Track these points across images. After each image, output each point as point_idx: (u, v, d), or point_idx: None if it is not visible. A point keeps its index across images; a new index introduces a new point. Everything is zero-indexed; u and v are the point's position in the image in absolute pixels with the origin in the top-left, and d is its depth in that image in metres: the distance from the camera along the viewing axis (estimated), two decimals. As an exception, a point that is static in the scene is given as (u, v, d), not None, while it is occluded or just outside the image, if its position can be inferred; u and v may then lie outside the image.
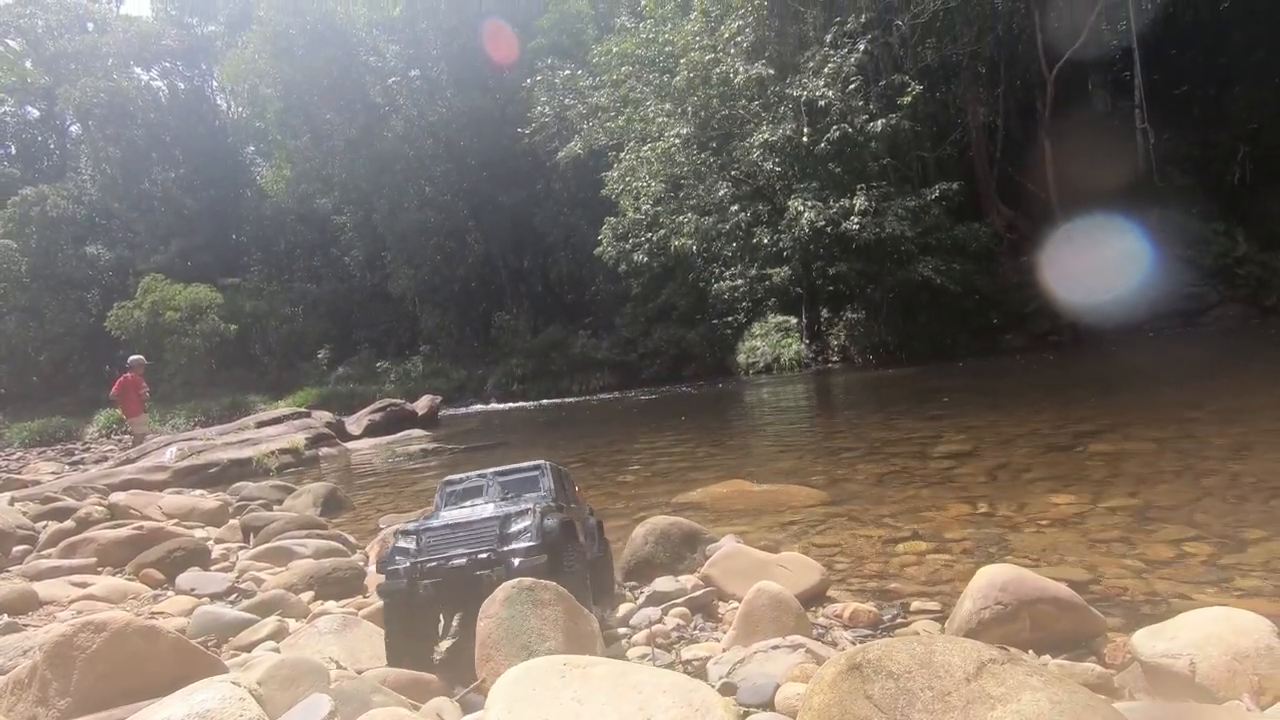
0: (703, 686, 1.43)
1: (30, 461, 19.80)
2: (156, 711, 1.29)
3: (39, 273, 31.72)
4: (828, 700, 1.27)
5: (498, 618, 1.97)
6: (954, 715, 1.15)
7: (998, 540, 3.89)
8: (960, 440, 6.98)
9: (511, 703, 1.34)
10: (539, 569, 2.47)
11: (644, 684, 1.39)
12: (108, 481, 10.56)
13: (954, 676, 1.20)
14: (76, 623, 1.75)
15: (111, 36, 33.55)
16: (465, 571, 2.52)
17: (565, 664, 1.46)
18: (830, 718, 1.25)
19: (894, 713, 1.19)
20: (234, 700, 1.33)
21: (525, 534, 2.60)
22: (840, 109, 16.53)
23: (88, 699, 1.54)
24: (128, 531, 3.99)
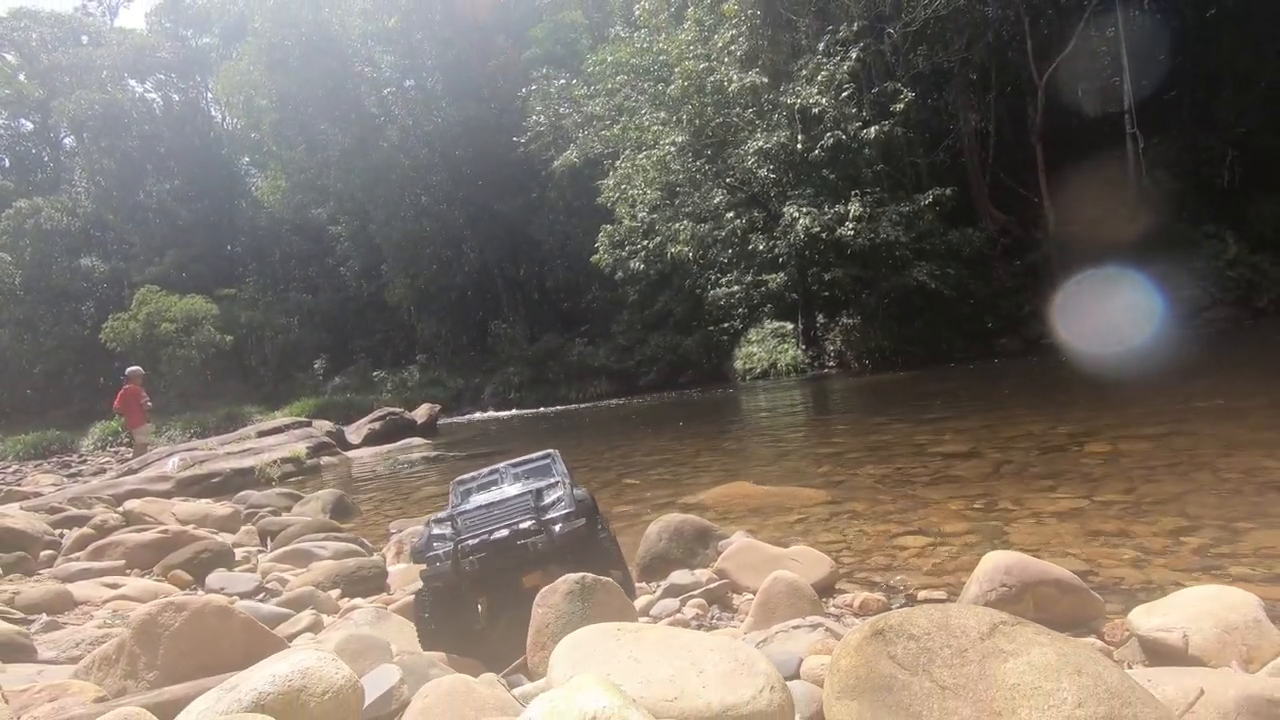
0: (746, 646, 1.55)
1: (28, 474, 19.70)
2: (259, 670, 1.39)
3: (33, 285, 31.68)
4: (854, 662, 1.39)
5: (556, 609, 2.08)
6: (971, 668, 1.27)
7: (997, 534, 4.02)
8: (958, 441, 7.12)
9: (573, 663, 1.45)
10: (578, 533, 2.57)
11: (692, 644, 1.50)
12: (112, 492, 10.58)
13: (969, 636, 1.32)
14: (160, 603, 1.87)
15: (106, 49, 33.66)
16: (509, 542, 2.56)
17: (618, 629, 1.57)
18: (858, 677, 1.36)
19: (916, 669, 1.31)
20: (328, 660, 1.44)
21: (560, 503, 2.68)
22: (834, 116, 16.76)
23: (171, 672, 1.65)
24: (153, 535, 4.08)
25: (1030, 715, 1.16)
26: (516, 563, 2.56)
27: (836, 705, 1.37)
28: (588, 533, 2.63)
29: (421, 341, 30.43)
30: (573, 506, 2.66)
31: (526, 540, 2.56)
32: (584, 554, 2.70)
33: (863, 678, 1.36)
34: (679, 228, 19.35)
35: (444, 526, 2.72)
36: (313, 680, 1.37)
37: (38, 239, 31.45)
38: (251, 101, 29.76)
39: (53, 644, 2.40)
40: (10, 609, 3.08)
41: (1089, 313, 15.82)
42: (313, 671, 1.38)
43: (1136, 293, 16.98)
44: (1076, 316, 15.97)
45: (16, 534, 4.11)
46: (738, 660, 1.42)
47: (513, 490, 2.87)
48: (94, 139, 32.66)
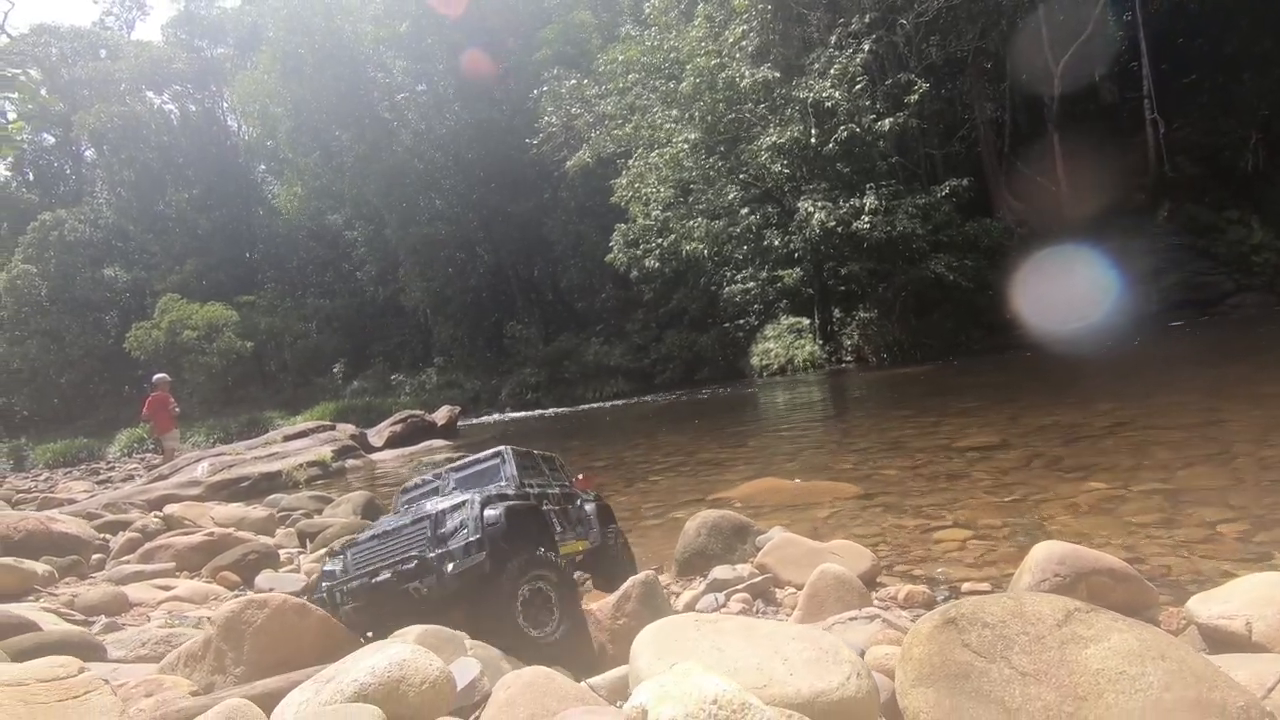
0: (827, 635, 1.57)
1: (59, 482, 20.05)
2: (355, 663, 1.44)
3: (58, 296, 32.23)
4: (928, 650, 1.41)
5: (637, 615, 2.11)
6: (1050, 654, 1.28)
7: (1036, 526, 4.00)
8: (986, 434, 7.07)
9: (657, 652, 1.48)
10: (475, 570, 2.17)
11: (772, 634, 1.53)
12: (145, 497, 10.76)
13: (1046, 623, 1.34)
14: (243, 599, 1.94)
15: (124, 62, 34.17)
16: (390, 587, 2.21)
17: (696, 620, 1.60)
18: (932, 665, 1.38)
19: (993, 656, 1.33)
20: (422, 653, 1.48)
21: (461, 530, 2.29)
22: (847, 109, 16.66)
23: (256, 667, 1.71)
24: (199, 538, 4.17)
25: (1116, 699, 1.17)
26: (395, 611, 2.21)
27: (912, 693, 1.39)
28: (493, 568, 2.21)
29: (438, 344, 30.64)
30: (476, 534, 2.26)
31: (410, 584, 2.21)
32: (483, 597, 2.27)
33: (937, 666, 1.38)
34: (693, 225, 19.33)
35: (336, 562, 2.45)
36: (410, 671, 1.41)
37: (62, 251, 32.00)
38: (266, 110, 30.09)
39: (119, 643, 2.47)
40: (71, 611, 3.17)
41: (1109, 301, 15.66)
42: (410, 663, 1.43)
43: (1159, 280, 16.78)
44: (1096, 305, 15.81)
45: (70, 538, 4.22)
46: (820, 648, 1.45)
47: (422, 511, 2.50)
48: (114, 151, 33.18)
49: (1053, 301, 16.67)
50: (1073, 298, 16.17)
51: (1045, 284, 16.79)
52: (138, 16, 41.06)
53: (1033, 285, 16.29)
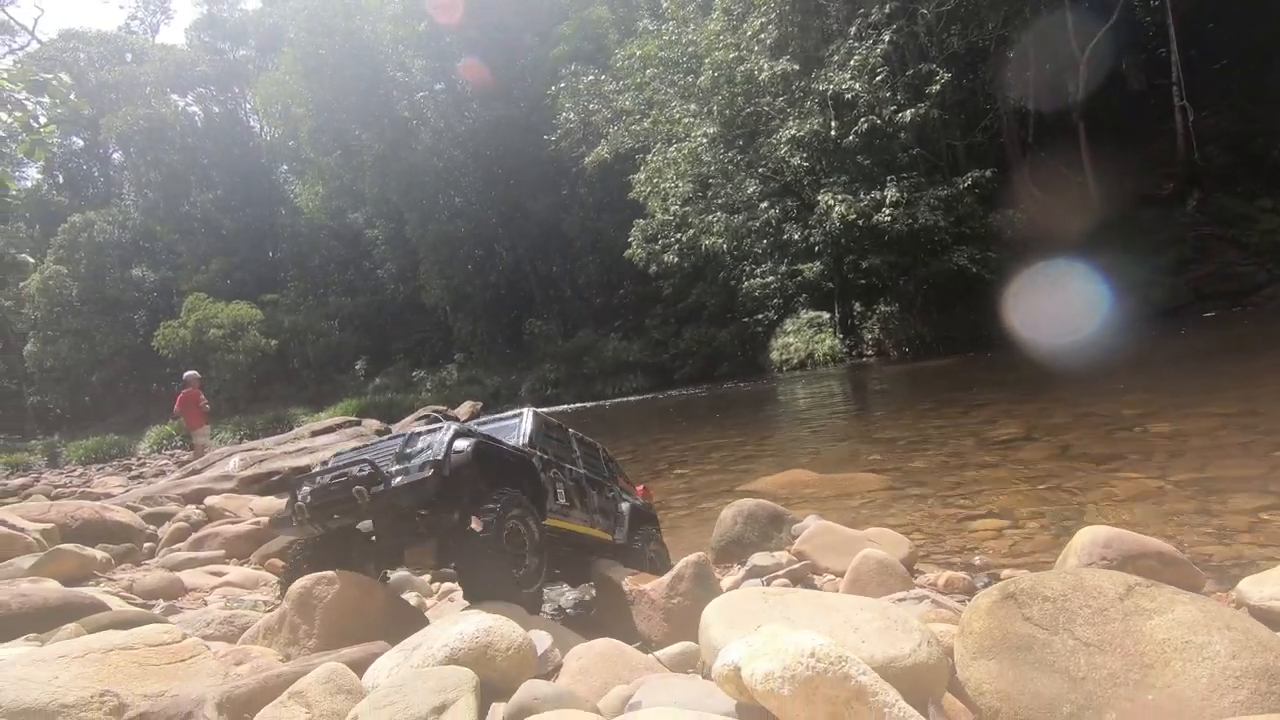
0: (894, 606, 1.61)
1: (93, 477, 20.47)
2: (441, 631, 1.51)
3: (88, 296, 32.93)
4: (988, 625, 1.44)
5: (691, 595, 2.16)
6: (1115, 626, 1.32)
7: (1072, 515, 4.00)
8: (1014, 426, 7.03)
9: (729, 622, 1.53)
10: (418, 488, 2.11)
11: (840, 605, 1.57)
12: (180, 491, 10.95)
13: (1107, 596, 1.37)
14: (314, 576, 2.02)
15: (149, 66, 34.75)
16: (339, 490, 2.20)
17: (764, 593, 1.65)
18: (993, 639, 1.42)
19: (1055, 628, 1.36)
20: (505, 621, 1.55)
21: (425, 451, 2.26)
22: (867, 101, 16.53)
23: (327, 639, 1.79)
24: (246, 527, 4.29)
25: (1184, 667, 1.20)
26: (342, 513, 2.20)
27: (973, 665, 1.42)
28: (439, 491, 2.14)
29: (458, 341, 30.90)
30: (437, 457, 2.19)
31: (355, 489, 2.16)
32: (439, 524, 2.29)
33: (998, 639, 1.42)
34: (712, 220, 19.31)
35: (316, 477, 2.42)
36: (497, 638, 1.48)
37: (91, 252, 32.69)
38: (288, 110, 30.47)
39: (184, 624, 2.57)
40: (131, 595, 3.28)
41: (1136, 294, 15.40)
42: (496, 630, 1.49)
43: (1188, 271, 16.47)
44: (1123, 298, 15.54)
45: (123, 527, 4.36)
46: (889, 618, 1.49)
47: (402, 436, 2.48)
48: (140, 153, 33.80)
49: (1077, 294, 16.45)
50: (1098, 290, 15.93)
51: (1070, 276, 16.56)
52: (162, 20, 41.77)
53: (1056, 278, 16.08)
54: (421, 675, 1.35)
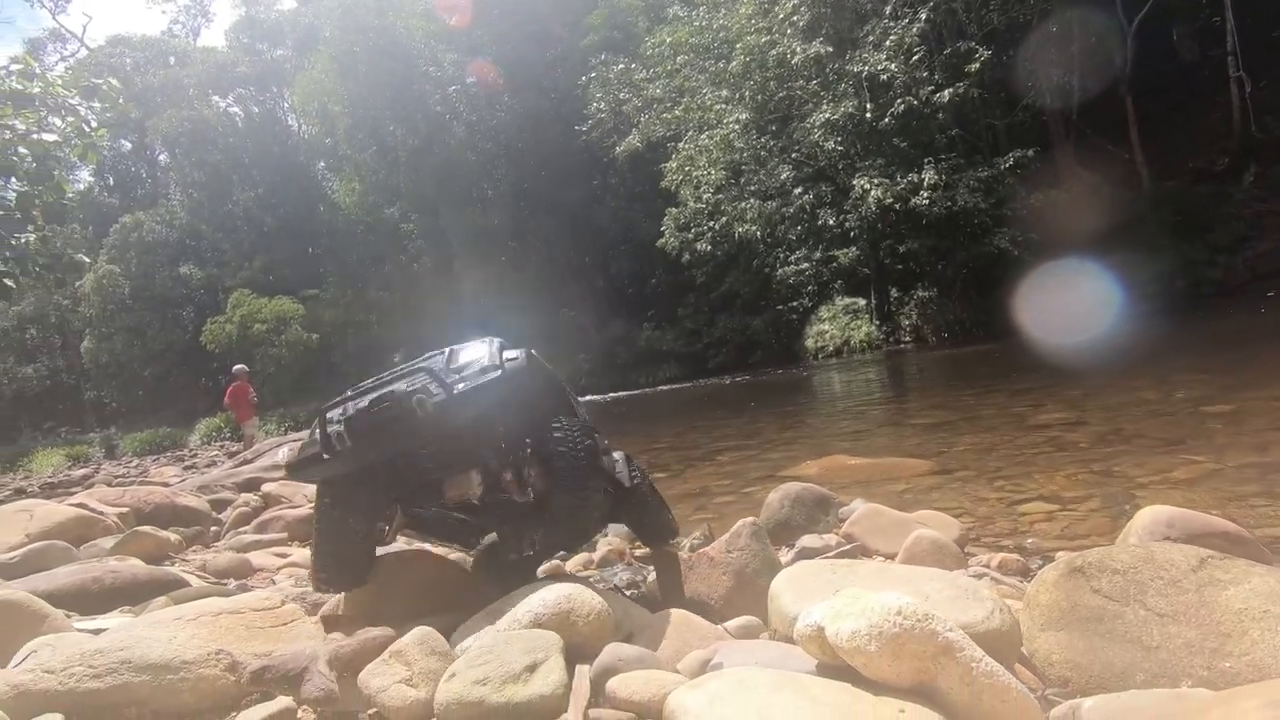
0: (963, 577, 1.64)
1: (149, 468, 21.31)
2: (525, 598, 1.60)
3: (139, 294, 34.20)
4: (1055, 597, 1.46)
5: (750, 549, 2.18)
6: (1189, 597, 1.32)
7: (1127, 498, 3.92)
8: (1061, 410, 6.89)
9: (799, 591, 1.58)
10: (491, 389, 1.88)
11: (909, 576, 1.61)
12: (233, 480, 11.36)
13: (1180, 568, 1.38)
14: (392, 550, 2.13)
15: (191, 68, 35.77)
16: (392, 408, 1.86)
17: (831, 565, 1.69)
18: (1061, 610, 1.43)
19: (1126, 600, 1.37)
20: (583, 589, 1.63)
21: (477, 361, 2.03)
22: (904, 82, 16.20)
23: (406, 611, 1.89)
24: (306, 510, 4.47)
25: (1262, 635, 1.21)
26: (395, 434, 1.86)
27: (1040, 637, 1.44)
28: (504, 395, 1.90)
29: (493, 333, 31.25)
30: (495, 364, 1.97)
31: (414, 399, 1.86)
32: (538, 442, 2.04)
33: (1066, 610, 1.43)
34: (745, 207, 19.18)
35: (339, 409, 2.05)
36: (578, 604, 1.55)
37: (142, 251, 33.91)
38: (325, 108, 31.07)
39: (263, 600, 2.71)
40: (205, 574, 3.46)
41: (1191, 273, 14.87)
42: (575, 597, 1.57)
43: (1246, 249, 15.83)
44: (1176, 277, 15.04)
45: (191, 511, 4.59)
46: (959, 588, 1.52)
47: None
48: (185, 154, 34.85)
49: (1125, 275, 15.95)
50: (1148, 271, 15.43)
51: (1117, 257, 16.06)
52: (202, 24, 42.92)
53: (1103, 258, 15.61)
54: (510, 638, 1.42)
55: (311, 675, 1.38)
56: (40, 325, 37.42)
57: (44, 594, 2.34)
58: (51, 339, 38.74)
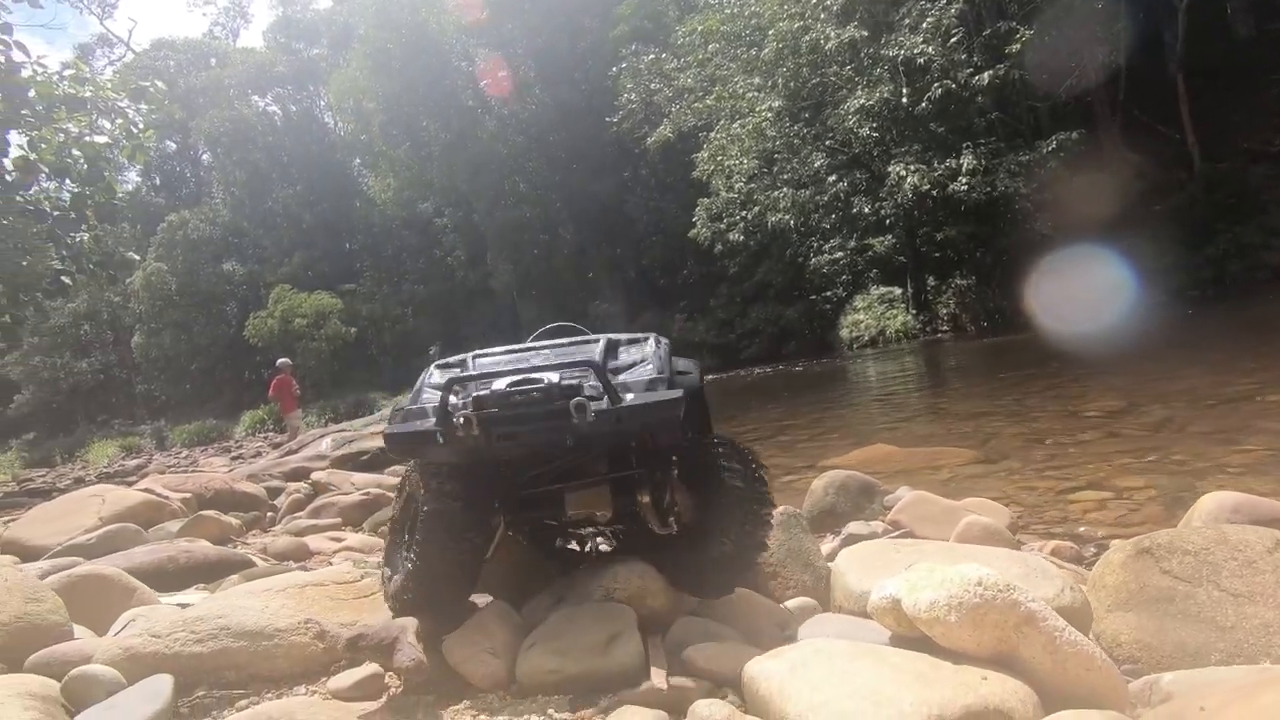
0: (1032, 555, 1.65)
1: (198, 458, 22.03)
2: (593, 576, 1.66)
3: (185, 290, 35.32)
4: (1123, 578, 1.45)
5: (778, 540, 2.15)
6: (1265, 578, 1.31)
7: (1185, 487, 3.82)
8: (1110, 398, 6.72)
9: (863, 568, 1.60)
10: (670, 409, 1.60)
11: (975, 554, 1.62)
12: (280, 469, 11.73)
13: (1254, 550, 1.36)
14: None
15: (231, 69, 36.67)
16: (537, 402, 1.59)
17: (895, 544, 1.71)
18: (1129, 592, 1.43)
19: (1198, 580, 1.37)
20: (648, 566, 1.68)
21: (643, 364, 1.75)
22: (941, 65, 15.83)
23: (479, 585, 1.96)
24: (358, 497, 4.62)
25: (1344, 615, 1.19)
26: (536, 432, 1.60)
27: (1108, 618, 1.44)
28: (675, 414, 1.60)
29: (525, 325, 31.54)
30: (665, 373, 1.70)
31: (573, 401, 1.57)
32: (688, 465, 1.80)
33: (1134, 592, 1.43)
34: (778, 195, 18.99)
35: (451, 373, 1.81)
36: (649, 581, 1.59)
37: (187, 249, 34.98)
38: (360, 105, 31.59)
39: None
40: (267, 556, 3.61)
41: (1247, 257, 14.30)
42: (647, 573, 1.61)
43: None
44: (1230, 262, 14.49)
45: (249, 497, 4.78)
46: (1028, 566, 1.53)
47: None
48: (227, 153, 35.80)
49: (1177, 259, 15.43)
50: (1202, 255, 14.90)
51: (1167, 241, 15.53)
52: (241, 25, 43.93)
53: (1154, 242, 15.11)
54: (587, 611, 1.48)
55: (402, 646, 1.45)
56: (93, 321, 38.89)
57: (126, 571, 2.47)
58: (104, 335, 40.24)
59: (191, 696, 1.47)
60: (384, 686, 1.52)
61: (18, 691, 1.32)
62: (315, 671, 1.57)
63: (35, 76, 12.32)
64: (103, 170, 14.00)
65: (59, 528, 3.86)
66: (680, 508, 1.78)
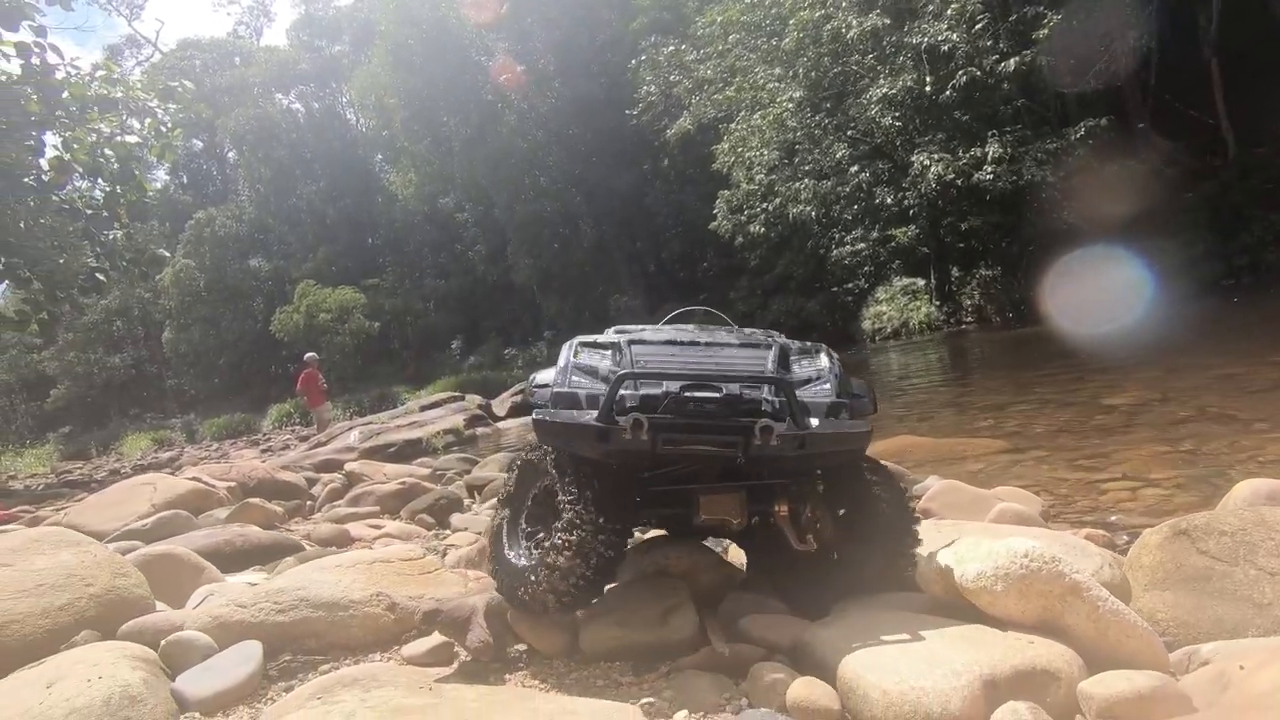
0: (1068, 534, 1.70)
1: (228, 451, 22.49)
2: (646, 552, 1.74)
3: (213, 286, 36.00)
4: (1160, 558, 1.50)
5: None
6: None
7: (1218, 474, 3.81)
8: (1140, 389, 6.67)
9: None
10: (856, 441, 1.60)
11: (1014, 534, 1.67)
12: (310, 461, 12.00)
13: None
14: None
15: (255, 68, 37.18)
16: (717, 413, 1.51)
17: (936, 524, 1.77)
18: (1165, 571, 1.48)
19: (1235, 560, 1.41)
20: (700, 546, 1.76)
21: (820, 382, 1.68)
22: (966, 52, 15.61)
23: None
24: (394, 486, 4.75)
25: (1381, 592, 1.23)
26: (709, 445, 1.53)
27: (1145, 596, 1.49)
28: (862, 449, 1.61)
29: (546, 319, 31.76)
30: (843, 397, 1.65)
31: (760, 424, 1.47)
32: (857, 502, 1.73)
33: (1171, 571, 1.48)
34: (799, 187, 18.88)
35: (598, 355, 1.75)
36: (699, 558, 1.66)
37: (214, 245, 35.63)
38: (382, 102, 31.87)
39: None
40: (310, 542, 3.74)
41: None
42: (697, 550, 1.68)
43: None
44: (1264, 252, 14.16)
45: (290, 486, 4.94)
46: (1066, 544, 1.58)
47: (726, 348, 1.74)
48: (252, 150, 36.36)
49: (1210, 247, 15.12)
50: (1236, 243, 14.58)
51: (1198, 230, 15.22)
52: (264, 23, 44.54)
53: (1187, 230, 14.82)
54: (644, 585, 1.57)
55: (473, 626, 1.55)
56: (125, 318, 39.78)
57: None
58: (135, 330, 41.15)
59: (278, 661, 1.59)
60: (454, 654, 1.62)
61: (123, 655, 1.44)
62: (387, 640, 1.68)
63: (69, 78, 12.62)
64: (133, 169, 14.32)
65: (114, 514, 4.04)
66: (820, 523, 1.71)
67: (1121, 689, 1.11)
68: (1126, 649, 1.17)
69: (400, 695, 1.20)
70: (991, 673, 1.07)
